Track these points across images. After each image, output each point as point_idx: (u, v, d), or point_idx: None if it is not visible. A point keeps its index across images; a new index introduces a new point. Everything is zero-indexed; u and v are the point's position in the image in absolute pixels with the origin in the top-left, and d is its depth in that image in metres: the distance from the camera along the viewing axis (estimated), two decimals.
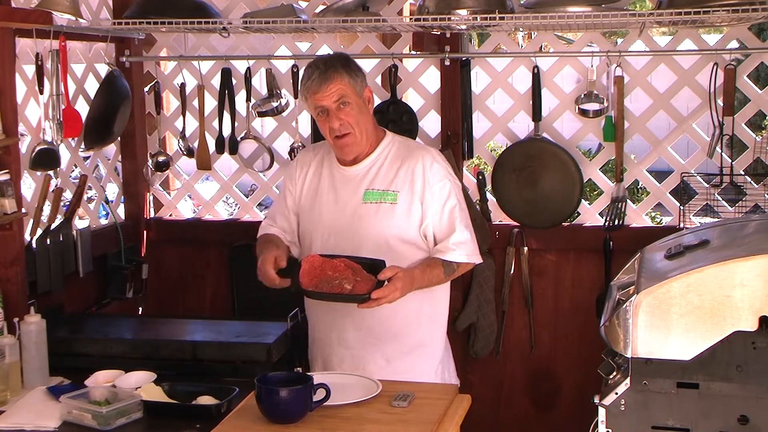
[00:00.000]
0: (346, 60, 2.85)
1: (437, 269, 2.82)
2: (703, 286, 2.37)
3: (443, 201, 2.84)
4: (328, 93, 2.76)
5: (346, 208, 2.87)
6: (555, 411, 3.80)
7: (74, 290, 3.53)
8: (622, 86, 3.50)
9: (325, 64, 2.80)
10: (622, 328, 2.42)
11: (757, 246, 2.52)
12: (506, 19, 3.21)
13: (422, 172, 2.84)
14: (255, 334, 2.94)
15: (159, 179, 4.10)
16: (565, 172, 3.61)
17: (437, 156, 2.91)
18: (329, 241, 2.87)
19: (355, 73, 2.82)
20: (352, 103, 2.79)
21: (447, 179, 2.86)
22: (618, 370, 2.49)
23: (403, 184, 2.84)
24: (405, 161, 2.86)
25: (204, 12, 3.54)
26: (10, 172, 3.04)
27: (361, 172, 2.88)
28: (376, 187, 2.85)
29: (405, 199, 2.83)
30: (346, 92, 2.78)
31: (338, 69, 2.78)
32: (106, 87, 3.68)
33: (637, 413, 2.41)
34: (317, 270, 2.65)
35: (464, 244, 2.85)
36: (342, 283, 2.62)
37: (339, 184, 2.91)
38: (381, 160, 2.89)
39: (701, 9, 3.02)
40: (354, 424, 2.34)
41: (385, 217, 2.83)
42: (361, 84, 2.84)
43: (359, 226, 2.84)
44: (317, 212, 2.92)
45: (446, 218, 2.84)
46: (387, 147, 2.91)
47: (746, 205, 3.46)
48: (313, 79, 2.77)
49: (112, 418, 2.40)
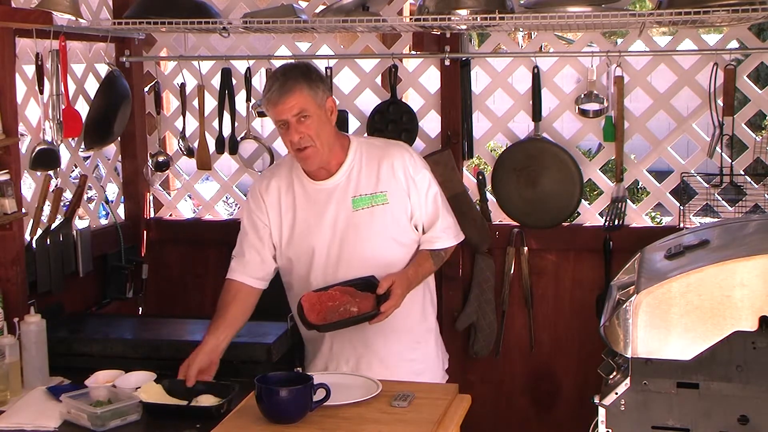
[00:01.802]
0: (307, 70, 2.77)
1: (427, 263, 2.91)
2: (703, 286, 2.37)
3: (425, 190, 2.89)
4: (288, 106, 2.70)
5: (336, 222, 2.84)
6: (555, 411, 3.80)
7: (74, 290, 3.54)
8: (622, 86, 3.50)
9: (284, 75, 2.73)
10: (622, 328, 2.42)
11: (757, 246, 2.52)
12: (506, 19, 3.21)
13: (403, 167, 2.86)
14: (255, 334, 2.94)
15: (159, 179, 4.10)
16: (565, 172, 3.61)
17: (409, 149, 2.98)
18: (329, 259, 2.85)
19: (315, 84, 2.74)
20: (312, 116, 2.73)
21: (425, 169, 2.92)
22: (618, 370, 2.48)
23: (388, 182, 2.85)
24: (382, 160, 2.86)
25: (204, 12, 3.54)
26: (10, 172, 3.04)
27: (341, 182, 2.85)
28: (362, 193, 2.84)
29: (395, 197, 2.85)
30: (306, 105, 2.71)
31: (298, 81, 2.71)
32: (106, 87, 3.68)
33: (637, 413, 2.41)
34: (317, 305, 2.68)
35: (449, 228, 2.95)
36: (347, 307, 2.66)
37: (319, 200, 2.86)
38: (356, 165, 2.86)
39: (701, 9, 3.02)
40: (354, 424, 2.34)
41: (382, 219, 2.84)
42: (323, 95, 2.76)
43: (356, 234, 2.83)
44: (305, 235, 2.87)
45: (431, 206, 2.90)
46: (356, 152, 2.88)
47: (746, 205, 3.46)
48: (273, 91, 2.71)
49: (107, 419, 2.39)
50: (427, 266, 2.91)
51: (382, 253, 2.84)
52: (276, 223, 2.90)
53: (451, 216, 2.98)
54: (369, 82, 3.86)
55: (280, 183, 2.91)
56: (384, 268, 2.80)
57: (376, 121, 3.74)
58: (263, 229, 2.91)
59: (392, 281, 2.71)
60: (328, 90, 2.85)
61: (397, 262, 2.86)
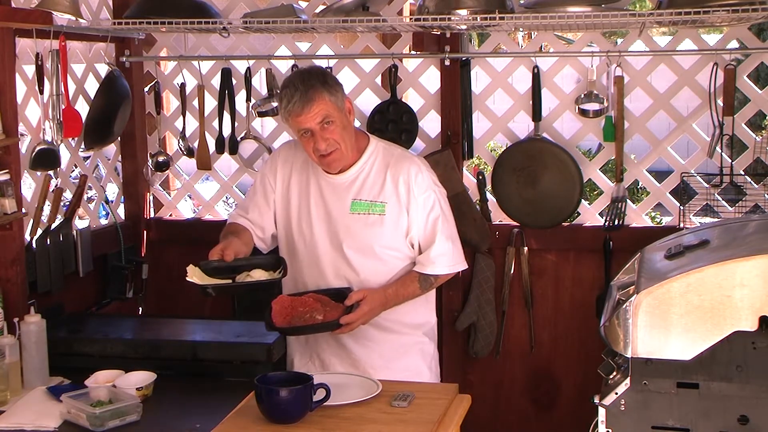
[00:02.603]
0: (323, 76, 2.78)
1: (412, 285, 2.86)
2: (703, 286, 2.37)
3: (427, 212, 2.84)
4: (311, 115, 2.70)
5: (333, 218, 2.86)
6: (555, 411, 3.80)
7: (74, 290, 3.53)
8: (622, 86, 3.50)
9: (304, 84, 2.72)
10: (622, 328, 2.42)
11: (757, 246, 2.52)
12: (506, 19, 3.21)
13: (408, 183, 2.83)
14: (255, 334, 2.94)
15: (159, 179, 4.10)
16: (565, 172, 3.61)
17: (422, 166, 2.89)
18: (316, 251, 2.87)
19: (334, 89, 2.75)
20: (335, 121, 2.74)
21: (431, 190, 2.86)
22: (618, 370, 2.48)
23: (390, 195, 2.83)
24: (391, 171, 2.85)
25: (204, 12, 3.54)
26: (10, 172, 3.04)
27: (348, 180, 2.86)
28: (363, 198, 2.84)
29: (393, 210, 2.83)
30: (329, 111, 2.72)
31: (318, 88, 2.71)
32: (106, 87, 3.68)
33: (637, 413, 2.41)
34: (288, 309, 2.71)
35: (444, 255, 2.86)
36: (313, 314, 2.69)
37: (326, 193, 2.88)
38: (367, 168, 2.86)
39: (701, 9, 3.02)
40: (354, 424, 2.34)
41: (374, 228, 2.83)
42: (342, 98, 2.78)
43: (346, 236, 2.84)
44: (305, 221, 2.89)
45: (429, 229, 2.85)
46: (372, 154, 2.88)
47: (746, 205, 3.46)
48: (295, 102, 2.70)
49: (106, 419, 2.39)
50: (411, 289, 2.86)
51: (363, 260, 2.83)
52: (281, 193, 2.93)
53: (452, 244, 2.89)
54: (369, 82, 3.86)
55: (297, 161, 2.93)
56: (368, 275, 2.82)
57: (376, 121, 3.74)
58: (270, 194, 2.96)
59: (364, 296, 2.72)
60: (344, 91, 2.83)
61: (381, 273, 2.86)
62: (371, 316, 2.75)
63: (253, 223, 2.96)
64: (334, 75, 2.84)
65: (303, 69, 2.95)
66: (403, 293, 2.84)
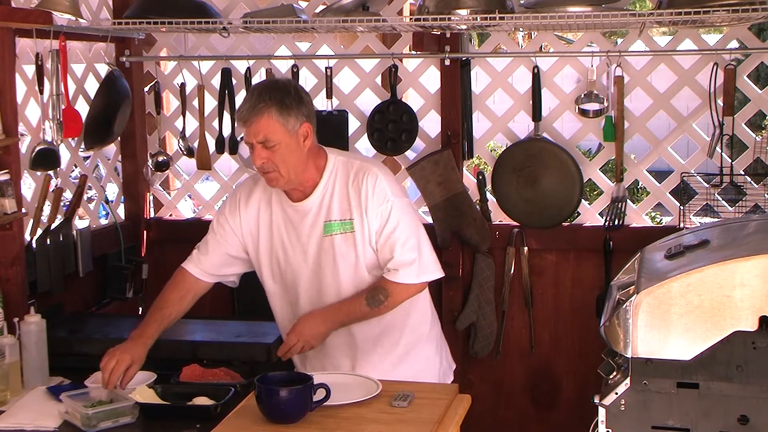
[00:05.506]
0: (286, 95, 2.62)
1: (356, 303, 2.73)
2: (703, 286, 2.36)
3: (384, 221, 2.72)
4: (252, 130, 2.60)
5: (309, 244, 2.77)
6: (555, 411, 3.80)
7: (74, 290, 3.54)
8: (622, 86, 3.50)
9: (259, 96, 2.60)
10: (622, 328, 2.42)
11: (757, 246, 2.52)
12: (506, 19, 3.21)
13: (365, 195, 2.72)
14: (255, 334, 2.94)
15: (159, 179, 4.10)
16: (565, 172, 3.61)
17: (381, 175, 2.74)
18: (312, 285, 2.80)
19: (287, 111, 2.60)
20: (277, 144, 2.60)
21: (389, 200, 2.73)
22: (618, 370, 2.48)
23: (354, 210, 2.73)
24: (351, 185, 2.74)
25: (204, 12, 3.54)
26: (10, 172, 3.04)
27: (315, 204, 2.75)
28: (333, 218, 2.74)
29: (358, 225, 2.73)
30: (271, 134, 2.59)
31: (269, 107, 2.58)
32: (106, 87, 3.68)
33: (637, 413, 2.41)
34: (198, 377, 2.69)
35: (407, 266, 2.72)
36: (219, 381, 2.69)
37: (295, 221, 2.78)
38: (330, 187, 2.75)
39: (701, 9, 3.02)
40: (354, 424, 2.34)
41: (350, 246, 2.75)
42: (295, 122, 2.61)
43: (327, 260, 2.76)
44: (281, 254, 2.80)
45: (387, 240, 2.74)
46: (332, 173, 2.76)
47: (746, 205, 3.46)
48: (242, 111, 2.62)
49: (100, 419, 2.39)
50: (356, 307, 2.73)
51: (353, 280, 2.76)
52: (251, 235, 2.83)
53: (419, 253, 2.74)
54: (369, 82, 3.86)
55: (260, 196, 2.82)
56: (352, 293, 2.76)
57: (376, 121, 3.75)
58: (230, 235, 2.85)
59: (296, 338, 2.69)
60: (306, 114, 2.65)
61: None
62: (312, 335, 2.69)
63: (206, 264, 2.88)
64: (303, 94, 2.68)
65: (273, 81, 2.87)
66: (348, 309, 2.74)
